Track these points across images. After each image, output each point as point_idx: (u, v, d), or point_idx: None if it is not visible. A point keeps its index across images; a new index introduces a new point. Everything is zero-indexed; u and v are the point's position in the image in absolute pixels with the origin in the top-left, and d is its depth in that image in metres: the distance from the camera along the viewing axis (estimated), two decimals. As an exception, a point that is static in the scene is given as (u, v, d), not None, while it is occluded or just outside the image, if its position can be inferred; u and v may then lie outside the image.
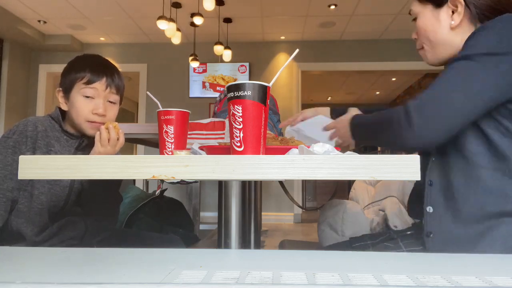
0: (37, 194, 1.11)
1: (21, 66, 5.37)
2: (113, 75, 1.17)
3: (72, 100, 1.15)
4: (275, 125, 1.43)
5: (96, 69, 1.15)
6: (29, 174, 0.66)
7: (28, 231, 1.12)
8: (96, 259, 0.65)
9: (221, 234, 0.99)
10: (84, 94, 1.14)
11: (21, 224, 1.11)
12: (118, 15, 4.69)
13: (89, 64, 1.16)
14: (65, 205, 1.17)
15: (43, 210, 1.12)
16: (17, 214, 1.11)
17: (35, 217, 1.12)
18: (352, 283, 0.49)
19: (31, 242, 1.12)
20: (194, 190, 3.00)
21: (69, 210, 1.18)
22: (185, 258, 0.65)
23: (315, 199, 7.83)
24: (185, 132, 0.93)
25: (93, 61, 1.19)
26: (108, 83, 1.15)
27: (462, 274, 0.54)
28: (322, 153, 0.65)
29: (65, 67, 1.19)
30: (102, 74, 1.15)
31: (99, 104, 1.15)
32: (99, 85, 1.14)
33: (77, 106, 1.14)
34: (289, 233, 4.41)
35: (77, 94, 1.15)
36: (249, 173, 0.62)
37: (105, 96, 1.16)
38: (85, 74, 1.13)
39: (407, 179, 0.63)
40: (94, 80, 1.14)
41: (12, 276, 0.54)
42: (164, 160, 0.64)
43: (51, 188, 1.13)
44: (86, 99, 1.14)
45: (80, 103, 1.14)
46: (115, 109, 1.20)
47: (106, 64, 1.20)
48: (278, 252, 0.74)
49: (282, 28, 5.10)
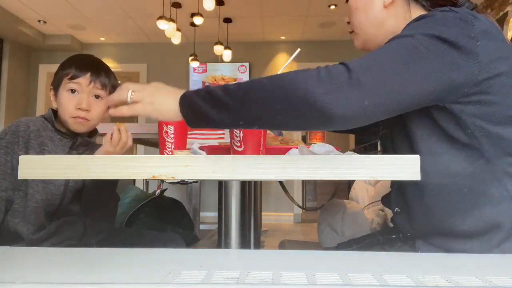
0: (32, 193, 1.12)
1: (21, 66, 5.36)
2: (98, 71, 1.19)
3: (59, 97, 1.18)
4: (275, 125, 1.43)
5: (81, 65, 1.18)
6: (29, 174, 0.66)
7: (25, 230, 1.12)
8: (96, 259, 0.65)
9: (221, 234, 0.99)
10: (69, 88, 1.16)
11: (17, 223, 1.12)
12: (118, 15, 4.69)
13: (75, 61, 1.19)
14: (60, 203, 1.17)
15: (38, 208, 1.13)
16: (13, 214, 1.12)
17: (30, 216, 1.12)
18: (352, 283, 0.49)
19: (29, 240, 1.12)
20: (194, 190, 3.00)
21: (65, 209, 1.19)
22: (185, 258, 0.66)
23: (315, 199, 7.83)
24: (185, 132, 0.94)
25: (80, 58, 1.22)
26: (92, 79, 1.17)
27: (462, 274, 0.54)
28: (322, 153, 0.65)
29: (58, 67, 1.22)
30: (87, 69, 1.17)
31: (82, 99, 1.16)
32: (83, 79, 1.16)
33: (63, 101, 1.16)
34: (289, 233, 4.41)
35: (62, 90, 1.17)
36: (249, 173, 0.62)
37: (89, 91, 1.17)
38: (71, 70, 1.17)
39: (407, 179, 0.63)
40: (78, 75, 1.16)
41: (12, 276, 0.54)
42: (164, 160, 0.64)
43: (45, 186, 1.14)
44: (71, 94, 1.16)
45: (65, 99, 1.16)
46: (100, 105, 1.20)
47: (93, 60, 1.22)
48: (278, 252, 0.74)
49: (282, 28, 5.10)
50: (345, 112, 0.61)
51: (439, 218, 0.80)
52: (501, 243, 0.74)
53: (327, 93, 0.60)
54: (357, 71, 0.62)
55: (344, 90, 0.61)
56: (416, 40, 0.68)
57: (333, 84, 0.60)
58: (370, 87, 0.62)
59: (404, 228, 0.92)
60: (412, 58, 0.66)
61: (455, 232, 0.78)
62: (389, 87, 0.64)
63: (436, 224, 0.81)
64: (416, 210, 0.85)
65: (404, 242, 0.96)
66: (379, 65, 0.65)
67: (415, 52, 0.66)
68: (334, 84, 0.61)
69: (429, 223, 0.83)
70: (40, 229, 1.14)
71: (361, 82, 0.62)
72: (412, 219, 0.87)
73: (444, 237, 0.81)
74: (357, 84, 0.61)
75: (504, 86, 0.72)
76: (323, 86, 0.60)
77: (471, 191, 0.76)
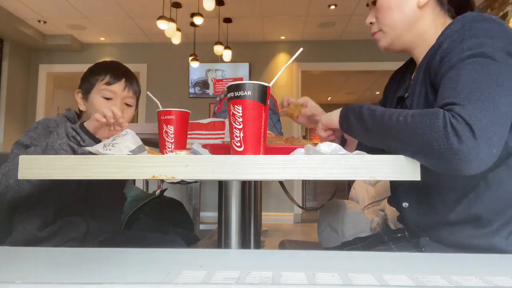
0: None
1: (21, 66, 5.36)
2: (131, 78, 1.24)
3: (91, 101, 1.20)
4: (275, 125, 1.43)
5: (116, 72, 1.21)
6: (29, 174, 0.66)
7: (32, 223, 1.13)
8: (96, 259, 0.65)
9: (221, 234, 0.99)
10: (104, 96, 1.19)
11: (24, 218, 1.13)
12: (118, 15, 4.69)
13: (110, 67, 1.23)
14: (72, 199, 1.18)
15: (49, 203, 1.14)
16: (25, 205, 1.13)
17: (41, 209, 1.13)
18: (352, 283, 0.49)
19: (33, 236, 1.13)
20: (194, 190, 3.00)
21: (74, 206, 1.20)
22: (185, 258, 0.66)
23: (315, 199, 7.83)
24: (185, 132, 0.93)
25: (113, 64, 1.26)
26: (126, 85, 1.21)
27: (462, 274, 0.54)
28: (329, 152, 0.65)
29: (85, 72, 1.25)
30: (121, 76, 1.21)
31: (116, 106, 1.18)
32: (117, 86, 1.19)
33: (97, 106, 1.18)
34: (289, 233, 4.41)
35: (96, 95, 1.19)
36: (249, 173, 0.62)
37: (122, 98, 1.20)
38: (106, 75, 1.19)
39: (407, 179, 0.63)
40: (113, 82, 1.19)
41: (12, 276, 0.54)
42: (164, 160, 0.64)
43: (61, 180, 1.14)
44: (105, 100, 1.19)
45: (100, 104, 1.18)
46: (131, 112, 1.25)
47: (126, 68, 1.27)
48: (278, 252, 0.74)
49: (282, 28, 5.10)
50: (479, 167, 0.66)
51: (453, 208, 0.83)
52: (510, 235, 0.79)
53: (457, 153, 0.64)
54: (480, 131, 0.65)
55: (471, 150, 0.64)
56: (493, 59, 0.73)
57: (462, 143, 0.64)
58: (492, 134, 0.66)
59: (412, 222, 0.94)
60: (503, 78, 0.71)
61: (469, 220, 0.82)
62: (503, 119, 0.69)
63: (447, 214, 0.84)
64: (428, 202, 0.88)
65: (408, 241, 0.97)
66: (492, 107, 0.68)
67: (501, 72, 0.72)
68: (463, 143, 0.64)
69: (440, 212, 0.86)
70: (47, 225, 1.15)
71: (486, 138, 0.65)
72: (422, 213, 0.90)
73: (454, 227, 0.84)
74: (481, 141, 0.64)
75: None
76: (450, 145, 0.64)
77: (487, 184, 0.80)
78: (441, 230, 0.86)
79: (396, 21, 0.93)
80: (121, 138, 0.74)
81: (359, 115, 0.80)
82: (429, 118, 0.67)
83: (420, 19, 0.92)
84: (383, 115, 0.74)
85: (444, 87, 0.76)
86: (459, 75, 0.74)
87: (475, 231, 0.81)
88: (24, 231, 1.14)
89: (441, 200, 0.86)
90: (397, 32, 0.94)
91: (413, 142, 0.67)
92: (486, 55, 0.74)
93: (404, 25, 0.93)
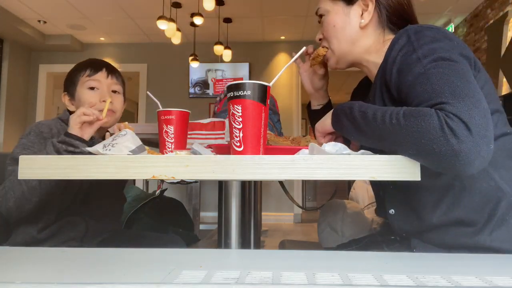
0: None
1: (21, 66, 5.36)
2: (113, 69, 1.25)
3: (78, 96, 1.20)
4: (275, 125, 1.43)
5: (95, 63, 1.23)
6: (29, 174, 0.66)
7: (32, 225, 1.12)
8: (96, 259, 0.65)
9: (221, 234, 0.99)
10: (89, 86, 1.19)
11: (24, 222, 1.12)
12: (118, 15, 4.69)
13: (89, 62, 1.25)
14: (73, 200, 1.18)
15: (51, 206, 1.13)
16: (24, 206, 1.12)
17: (42, 214, 1.12)
18: (352, 283, 0.49)
19: (32, 238, 1.12)
20: (194, 190, 3.00)
21: (74, 207, 1.19)
22: (185, 258, 0.66)
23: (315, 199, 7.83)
24: (185, 132, 0.93)
25: (91, 59, 1.27)
26: (108, 73, 1.22)
27: (462, 274, 0.54)
28: (334, 152, 0.65)
29: (67, 74, 1.26)
30: (102, 66, 1.22)
31: (104, 93, 1.19)
32: (100, 75, 1.20)
33: (85, 98, 1.18)
34: (289, 233, 4.41)
35: (81, 88, 1.20)
36: (249, 173, 0.62)
37: (108, 85, 1.21)
38: (86, 69, 1.21)
39: (407, 179, 0.63)
40: (95, 72, 1.20)
41: (12, 276, 0.54)
42: (164, 160, 0.64)
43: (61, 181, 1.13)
44: (91, 91, 1.19)
45: (87, 95, 1.19)
46: (120, 99, 1.25)
47: (105, 61, 1.28)
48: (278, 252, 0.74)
49: (282, 28, 5.09)
50: (481, 165, 0.65)
51: (434, 212, 0.84)
52: (492, 231, 0.79)
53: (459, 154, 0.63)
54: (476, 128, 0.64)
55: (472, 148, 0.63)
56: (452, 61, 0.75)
57: (462, 144, 0.63)
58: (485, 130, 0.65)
59: (400, 229, 0.94)
60: (469, 76, 0.73)
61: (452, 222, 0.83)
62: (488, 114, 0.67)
63: (430, 219, 0.85)
64: (411, 207, 0.89)
65: (401, 243, 0.97)
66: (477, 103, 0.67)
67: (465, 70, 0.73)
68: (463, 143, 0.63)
69: (423, 217, 0.86)
70: (46, 227, 1.14)
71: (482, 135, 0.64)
72: (407, 218, 0.91)
73: (439, 230, 0.85)
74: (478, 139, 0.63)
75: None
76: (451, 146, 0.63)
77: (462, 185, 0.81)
78: (428, 233, 0.87)
79: (340, 40, 0.96)
80: (120, 138, 0.74)
81: (351, 117, 0.78)
82: (423, 119, 0.65)
83: (363, 38, 0.95)
84: (375, 116, 0.72)
85: (416, 92, 0.74)
86: (430, 79, 0.72)
87: (459, 231, 0.82)
88: (24, 234, 1.13)
89: (421, 205, 0.86)
90: (342, 50, 0.97)
91: (411, 145, 0.65)
92: (445, 58, 0.74)
93: (347, 44, 0.95)
